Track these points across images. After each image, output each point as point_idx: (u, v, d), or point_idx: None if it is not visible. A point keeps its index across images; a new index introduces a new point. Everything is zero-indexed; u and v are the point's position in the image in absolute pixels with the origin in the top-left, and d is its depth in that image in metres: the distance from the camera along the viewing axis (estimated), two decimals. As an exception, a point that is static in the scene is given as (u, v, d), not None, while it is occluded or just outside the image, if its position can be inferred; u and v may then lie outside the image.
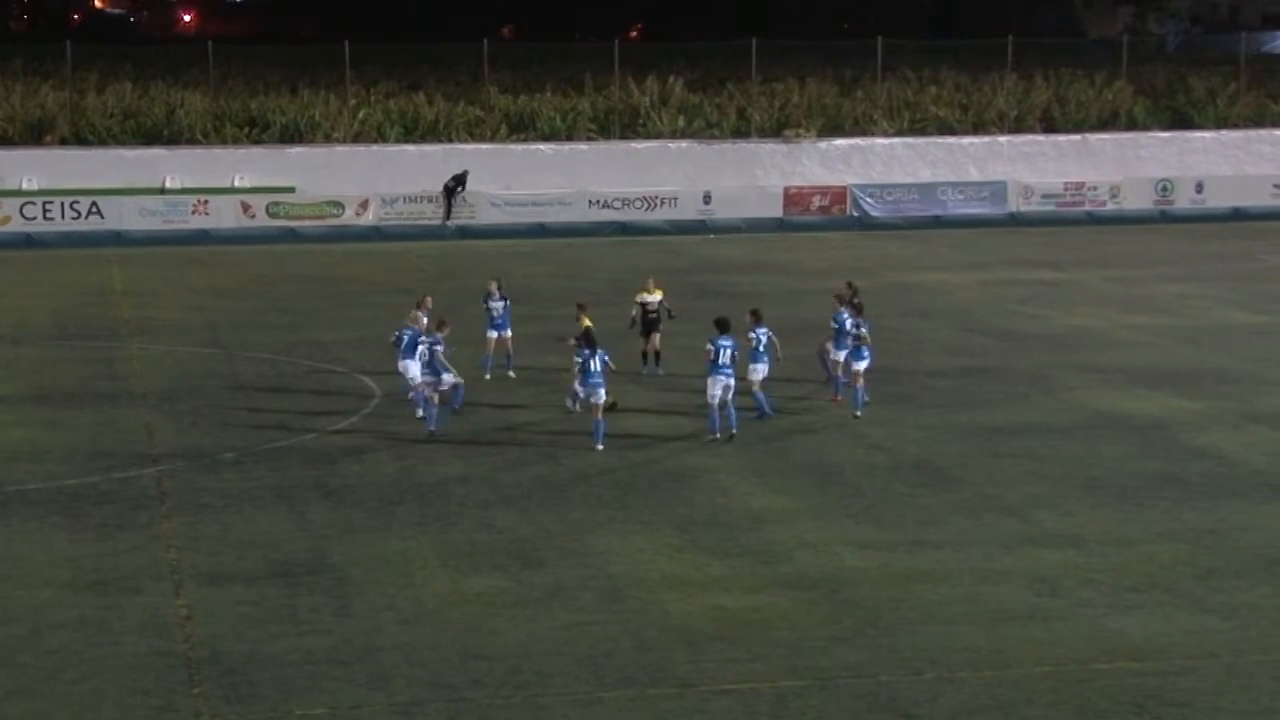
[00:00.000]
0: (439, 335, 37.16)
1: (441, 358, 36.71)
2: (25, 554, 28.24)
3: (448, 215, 76.56)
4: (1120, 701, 21.69)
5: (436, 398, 36.68)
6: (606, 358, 35.41)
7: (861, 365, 38.14)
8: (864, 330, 38.79)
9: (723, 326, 36.16)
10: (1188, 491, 31.88)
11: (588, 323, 38.81)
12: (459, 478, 32.93)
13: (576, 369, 35.64)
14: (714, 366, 35.54)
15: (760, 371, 37.29)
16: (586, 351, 35.23)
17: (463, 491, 31.95)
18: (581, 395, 35.82)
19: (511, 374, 41.34)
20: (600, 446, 34.74)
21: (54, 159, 78.98)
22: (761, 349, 37.35)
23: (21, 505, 31.20)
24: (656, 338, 42.24)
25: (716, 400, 35.56)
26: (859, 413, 37.78)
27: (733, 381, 35.62)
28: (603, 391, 35.24)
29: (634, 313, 42.05)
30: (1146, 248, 69.78)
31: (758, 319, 37.71)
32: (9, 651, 23.60)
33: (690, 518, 30.10)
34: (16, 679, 22.60)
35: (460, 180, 76.62)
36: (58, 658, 23.45)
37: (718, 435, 35.34)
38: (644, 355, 42.14)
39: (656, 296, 42.64)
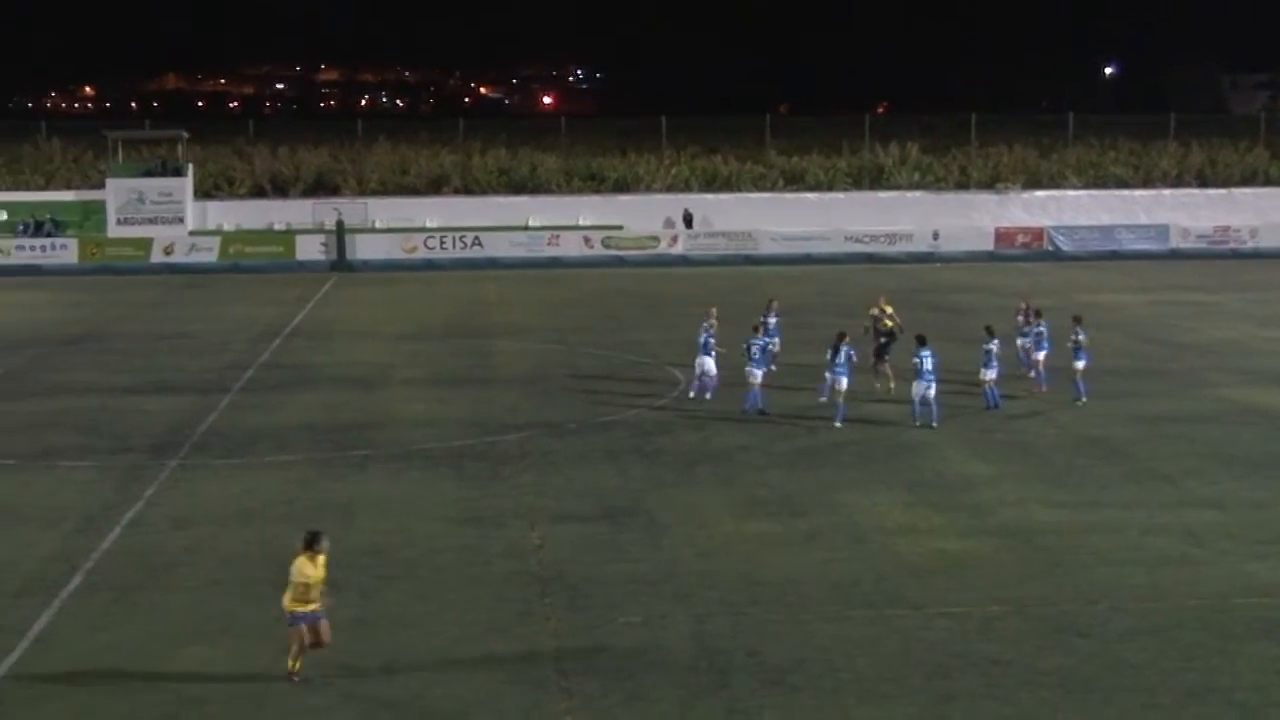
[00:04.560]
0: (762, 338, 37.22)
1: (764, 352, 36.88)
2: (422, 495, 28.83)
3: (688, 224, 78.53)
4: (1253, 628, 21.22)
5: (755, 382, 36.58)
6: (853, 351, 35.05)
7: (1080, 364, 37.59)
8: (1042, 329, 39.18)
9: (921, 341, 35.59)
10: (1309, 467, 30.95)
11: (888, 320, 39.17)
12: (741, 446, 32.90)
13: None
14: (918, 372, 35.08)
15: (991, 374, 36.76)
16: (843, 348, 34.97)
17: (745, 457, 31.92)
18: (829, 380, 35.49)
19: (773, 368, 40.73)
20: (838, 424, 34.52)
21: (449, 204, 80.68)
22: (992, 357, 36.88)
23: (420, 460, 31.81)
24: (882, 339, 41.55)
25: (919, 397, 35.04)
26: (1084, 399, 37.24)
27: (930, 382, 35.02)
28: (845, 380, 34.96)
29: (867, 323, 41.19)
30: (1279, 277, 67.68)
31: (990, 333, 37.20)
32: (411, 567, 24.11)
33: (918, 480, 29.82)
34: (416, 588, 23.08)
35: (688, 218, 78.60)
36: (445, 573, 23.91)
37: (917, 424, 34.80)
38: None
39: (888, 309, 42.02)
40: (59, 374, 43.02)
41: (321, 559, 19.39)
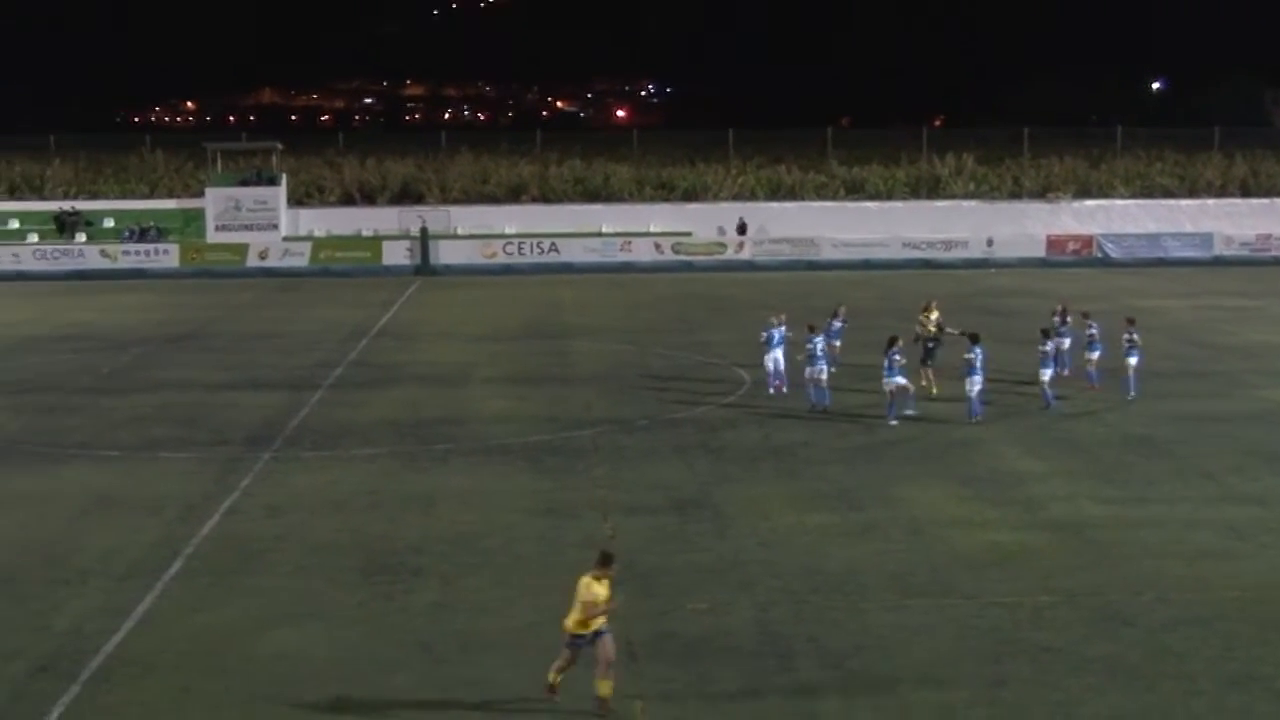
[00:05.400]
0: (818, 336, 37.13)
1: (825, 349, 36.85)
2: (501, 488, 28.89)
3: (741, 232, 78.58)
4: (1292, 619, 21.02)
5: (823, 380, 36.49)
6: (898, 354, 34.81)
7: (1133, 361, 37.36)
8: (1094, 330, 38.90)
9: (974, 339, 35.38)
10: (1348, 465, 30.52)
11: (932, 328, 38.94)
12: (803, 442, 32.80)
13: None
14: (970, 370, 34.84)
15: (1047, 375, 36.53)
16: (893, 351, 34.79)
17: (806, 452, 31.82)
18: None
19: (833, 369, 40.27)
20: (893, 422, 34.33)
21: (527, 212, 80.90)
22: (1050, 357, 36.72)
23: (500, 454, 31.90)
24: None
25: (974, 395, 34.85)
26: (1133, 394, 36.99)
27: (980, 378, 34.82)
28: (899, 379, 34.72)
29: (918, 329, 40.75)
30: (1320, 282, 66.91)
31: (1046, 335, 37.04)
32: (491, 555, 24.21)
33: (972, 475, 29.63)
34: (495, 574, 23.18)
35: (742, 227, 78.58)
36: (522, 561, 23.98)
37: (974, 421, 34.50)
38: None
39: (934, 316, 41.88)
40: (161, 371, 43.46)
41: (608, 580, 18.10)
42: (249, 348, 48.06)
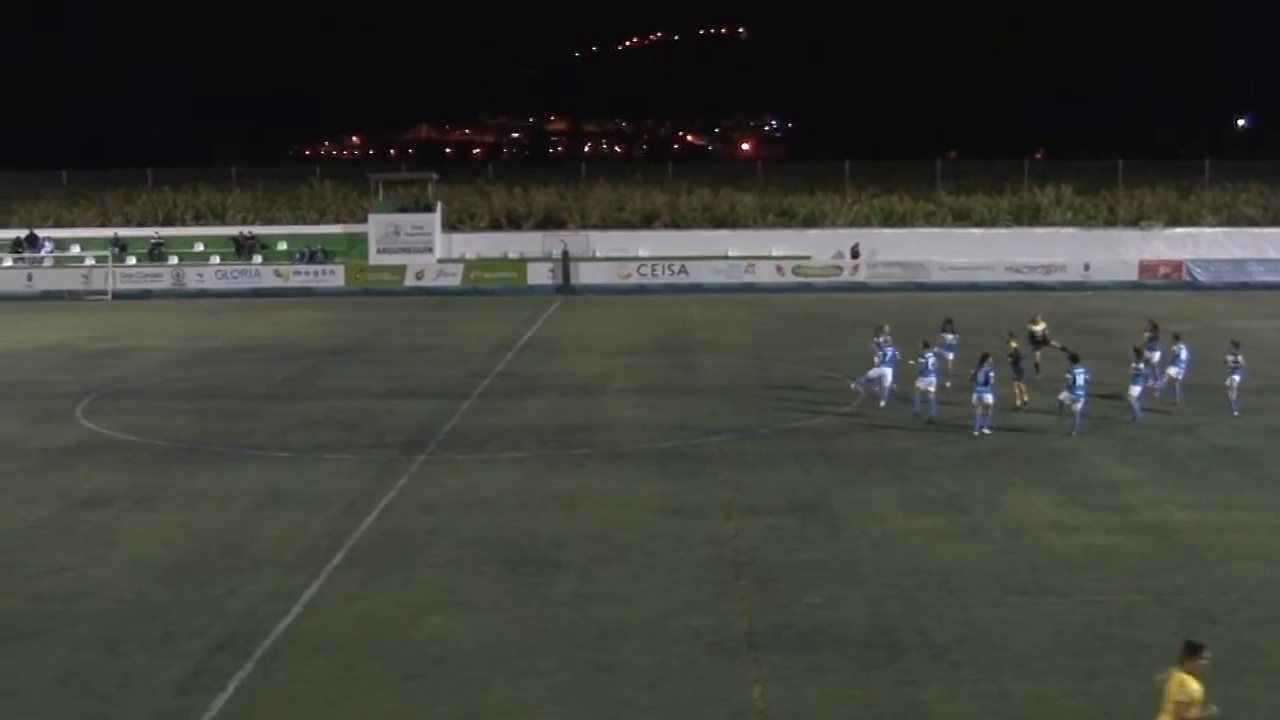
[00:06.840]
0: (931, 351, 36.86)
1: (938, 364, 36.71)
2: (635, 489, 28.96)
3: (854, 256, 77.80)
4: (1375, 622, 20.48)
5: (932, 392, 36.26)
6: (992, 373, 34.42)
7: (1235, 380, 36.59)
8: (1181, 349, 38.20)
9: (1074, 359, 34.92)
10: None
11: (1014, 344, 38.49)
12: (912, 450, 32.55)
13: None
14: (1071, 387, 34.36)
15: (1136, 390, 35.97)
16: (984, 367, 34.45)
17: (915, 459, 31.56)
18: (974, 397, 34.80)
19: (949, 384, 40.32)
20: (987, 431, 33.96)
21: (659, 237, 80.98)
22: (1142, 374, 36.20)
23: (633, 459, 31.98)
24: (1038, 354, 41.04)
25: (1077, 411, 34.35)
26: (1236, 412, 36.20)
27: (1080, 397, 34.32)
28: (989, 395, 34.36)
29: (1023, 339, 40.35)
30: (1404, 304, 65.09)
31: (1139, 354, 36.53)
32: (625, 550, 24.28)
33: (1069, 482, 29.24)
34: (628, 569, 23.23)
35: (855, 251, 77.82)
36: (653, 557, 24.00)
37: (1072, 433, 34.09)
38: (1035, 367, 41.00)
39: (1041, 326, 41.81)
40: (328, 380, 44.11)
41: (1200, 674, 14.83)
42: (406, 360, 48.64)
